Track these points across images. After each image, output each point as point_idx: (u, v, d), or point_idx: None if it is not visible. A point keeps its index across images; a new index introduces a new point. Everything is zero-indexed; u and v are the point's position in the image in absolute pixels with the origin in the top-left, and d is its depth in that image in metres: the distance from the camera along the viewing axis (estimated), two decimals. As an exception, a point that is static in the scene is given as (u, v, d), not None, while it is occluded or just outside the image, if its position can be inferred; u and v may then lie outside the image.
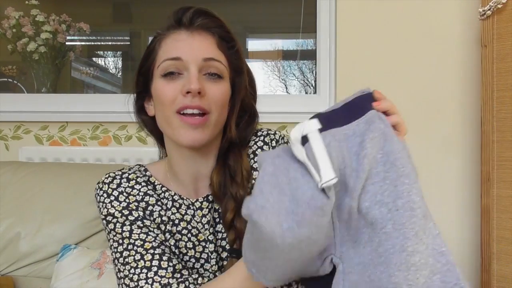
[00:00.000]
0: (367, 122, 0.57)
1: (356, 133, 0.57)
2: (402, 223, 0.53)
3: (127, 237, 0.75)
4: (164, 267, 0.72)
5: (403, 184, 0.54)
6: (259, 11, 2.44)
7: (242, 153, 0.82)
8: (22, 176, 1.34)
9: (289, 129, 1.61)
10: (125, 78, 2.84)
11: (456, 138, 1.57)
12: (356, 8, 1.60)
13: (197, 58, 0.75)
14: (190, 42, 0.76)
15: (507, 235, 1.33)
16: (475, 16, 1.45)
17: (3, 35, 1.81)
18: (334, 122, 0.58)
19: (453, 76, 1.57)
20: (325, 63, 1.64)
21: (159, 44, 0.79)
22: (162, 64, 0.76)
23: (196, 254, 0.81)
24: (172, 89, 0.75)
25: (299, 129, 0.57)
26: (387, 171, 0.54)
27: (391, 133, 0.57)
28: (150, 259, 0.73)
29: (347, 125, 0.57)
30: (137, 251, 0.74)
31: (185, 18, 0.78)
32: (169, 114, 0.75)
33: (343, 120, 0.58)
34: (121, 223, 0.77)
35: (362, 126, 0.57)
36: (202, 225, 0.82)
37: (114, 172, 0.84)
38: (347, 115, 0.59)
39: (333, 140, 0.56)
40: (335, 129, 0.57)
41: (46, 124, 1.68)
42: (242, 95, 0.82)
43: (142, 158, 1.58)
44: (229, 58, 0.80)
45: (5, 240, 1.25)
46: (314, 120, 0.57)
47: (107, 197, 0.80)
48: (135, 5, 2.64)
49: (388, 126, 0.58)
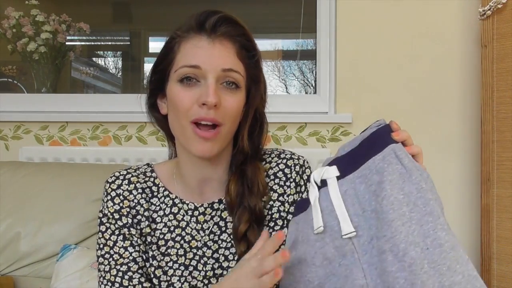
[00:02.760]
0: (384, 159, 0.59)
1: (373, 170, 0.59)
2: (434, 260, 0.54)
3: (110, 246, 0.79)
4: (125, 285, 0.77)
5: (427, 222, 0.56)
6: (259, 11, 2.44)
7: (259, 166, 0.82)
8: (22, 176, 1.34)
9: (289, 129, 1.61)
10: (125, 78, 2.84)
11: (456, 138, 1.57)
12: (356, 8, 1.60)
13: (216, 68, 0.74)
14: (210, 50, 0.75)
15: (507, 235, 1.33)
16: (475, 16, 1.45)
17: (3, 35, 1.81)
18: (353, 164, 0.62)
19: (453, 76, 1.57)
20: (325, 63, 1.64)
21: (178, 46, 0.77)
22: (180, 69, 0.75)
23: (185, 261, 0.81)
24: (188, 98, 0.74)
25: (319, 173, 0.63)
26: (411, 211, 0.56)
27: (409, 170, 0.59)
28: (115, 274, 0.78)
29: (364, 165, 0.61)
30: (109, 262, 0.78)
31: (208, 24, 0.75)
32: (183, 123, 0.75)
33: (362, 158, 0.61)
34: (112, 230, 0.80)
35: (378, 163, 0.60)
36: (197, 231, 0.82)
37: (120, 171, 0.85)
38: (366, 152, 0.62)
39: (350, 188, 0.60)
40: (352, 174, 0.61)
41: (46, 124, 1.68)
42: (256, 104, 0.81)
43: (142, 158, 1.58)
44: (248, 67, 0.79)
45: (5, 240, 1.25)
46: (334, 167, 0.62)
47: (106, 196, 0.82)
48: (135, 5, 2.64)
49: (408, 157, 0.60)
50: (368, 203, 0.59)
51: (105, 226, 0.80)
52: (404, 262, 0.55)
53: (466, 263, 0.56)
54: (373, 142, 0.62)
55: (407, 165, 0.59)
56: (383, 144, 0.61)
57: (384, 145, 0.61)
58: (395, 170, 0.58)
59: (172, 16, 2.45)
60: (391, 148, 0.60)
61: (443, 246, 0.55)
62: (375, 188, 0.58)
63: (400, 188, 0.57)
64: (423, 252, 0.54)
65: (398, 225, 0.56)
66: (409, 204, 0.57)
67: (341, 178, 0.62)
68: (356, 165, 0.62)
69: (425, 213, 0.56)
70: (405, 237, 0.55)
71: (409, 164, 0.59)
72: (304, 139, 1.61)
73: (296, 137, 1.62)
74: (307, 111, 1.64)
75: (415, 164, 0.61)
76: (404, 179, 0.58)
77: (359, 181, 0.60)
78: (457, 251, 0.56)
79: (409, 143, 0.64)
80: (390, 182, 0.58)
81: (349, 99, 1.60)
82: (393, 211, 0.56)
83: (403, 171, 0.59)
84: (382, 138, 0.62)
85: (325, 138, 1.61)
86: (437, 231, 0.55)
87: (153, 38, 2.79)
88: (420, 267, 0.54)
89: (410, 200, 0.57)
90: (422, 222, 0.56)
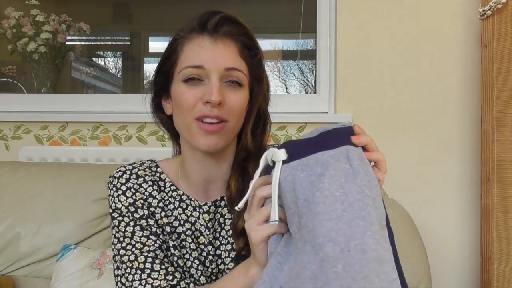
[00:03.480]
0: (334, 156, 0.57)
1: (319, 162, 0.57)
2: (351, 264, 0.51)
3: (129, 237, 0.78)
4: (157, 269, 0.75)
5: (358, 226, 0.52)
6: (259, 11, 2.44)
7: None
8: (22, 176, 1.34)
9: (289, 129, 1.61)
10: (125, 78, 2.84)
11: (456, 138, 1.57)
12: (356, 8, 1.60)
13: (219, 67, 0.75)
14: (213, 50, 0.76)
15: (507, 235, 1.33)
16: (475, 16, 1.45)
17: (3, 35, 1.81)
18: (302, 152, 0.59)
19: (453, 76, 1.57)
20: (325, 63, 1.64)
21: (181, 47, 0.78)
22: (184, 70, 0.76)
23: (198, 256, 0.82)
24: (192, 96, 0.75)
25: (269, 154, 0.61)
26: (344, 210, 0.53)
27: (356, 172, 0.56)
28: (143, 261, 0.75)
29: (312, 155, 0.58)
30: (133, 252, 0.76)
31: (210, 24, 0.76)
32: (188, 120, 0.76)
33: (314, 149, 0.59)
34: (126, 222, 0.79)
35: (327, 157, 0.57)
36: (205, 228, 0.83)
37: (125, 166, 0.85)
38: (320, 145, 0.59)
39: (290, 175, 0.58)
40: (297, 161, 0.59)
41: (46, 124, 1.68)
42: (259, 102, 0.83)
43: (142, 158, 1.56)
44: (250, 65, 0.80)
45: (5, 240, 1.25)
46: (282, 150, 0.60)
47: (116, 191, 0.82)
48: (135, 5, 2.64)
49: (362, 161, 0.57)
50: (303, 191, 0.56)
51: (118, 220, 0.80)
52: (318, 256, 0.52)
53: (389, 282, 0.51)
54: (331, 137, 0.60)
55: (356, 167, 0.56)
56: (339, 143, 0.59)
57: (340, 144, 0.59)
58: (341, 168, 0.56)
59: (172, 16, 2.45)
60: (345, 148, 0.58)
61: (367, 253, 0.51)
62: (314, 179, 0.56)
63: (340, 185, 0.55)
64: (343, 252, 0.51)
65: (323, 219, 0.53)
66: (344, 203, 0.54)
67: (286, 163, 0.60)
68: (305, 153, 0.59)
69: (358, 217, 0.53)
70: (327, 232, 0.52)
71: (359, 167, 0.56)
72: (304, 139, 1.61)
73: (296, 137, 1.61)
74: (307, 111, 1.64)
75: (367, 170, 0.57)
76: (348, 178, 0.55)
77: (301, 169, 0.58)
78: (384, 266, 0.52)
79: (371, 149, 0.60)
80: (331, 176, 0.55)
81: (349, 99, 1.60)
82: (323, 204, 0.54)
83: (350, 171, 0.56)
84: (341, 137, 0.60)
85: (325, 138, 1.61)
86: (365, 237, 0.52)
87: (153, 38, 2.79)
88: (332, 265, 0.51)
89: (347, 200, 0.54)
90: (351, 224, 0.52)
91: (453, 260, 1.57)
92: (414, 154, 1.58)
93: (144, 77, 2.75)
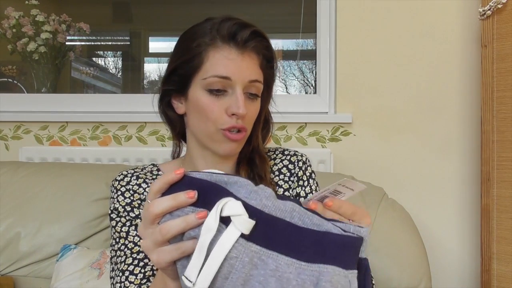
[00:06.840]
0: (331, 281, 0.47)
1: (293, 273, 0.48)
2: None
3: (123, 237, 0.80)
4: (136, 273, 0.76)
5: None
6: (259, 11, 2.44)
7: (265, 156, 0.87)
8: (22, 176, 1.34)
9: (289, 129, 1.61)
10: (125, 78, 2.84)
11: (456, 138, 1.57)
12: (356, 8, 1.60)
13: (244, 80, 0.78)
14: (239, 62, 0.78)
15: (507, 235, 1.33)
16: (475, 16, 1.45)
17: (3, 35, 1.81)
18: (280, 242, 0.48)
19: (453, 76, 1.57)
20: (325, 63, 1.64)
21: (206, 53, 0.78)
22: (210, 78, 0.77)
23: None
24: (217, 107, 0.78)
25: (221, 203, 0.48)
26: None
27: None
28: (130, 263, 0.77)
29: (296, 260, 0.48)
30: (125, 253, 0.78)
31: (240, 37, 0.77)
32: (212, 130, 0.79)
33: (304, 251, 0.48)
34: (123, 222, 0.81)
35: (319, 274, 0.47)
36: None
37: (127, 170, 0.88)
38: (315, 250, 0.48)
39: (245, 256, 0.48)
40: (269, 251, 0.48)
41: (46, 124, 1.68)
42: (267, 106, 0.88)
43: (142, 158, 1.58)
44: (266, 75, 0.83)
45: (5, 240, 1.25)
46: (239, 203, 0.48)
47: (115, 192, 0.84)
48: (135, 5, 2.64)
49: None
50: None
51: (116, 221, 0.82)
52: None
53: None
54: (340, 250, 0.48)
55: None
56: (352, 265, 0.48)
57: (353, 267, 0.48)
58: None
59: (172, 16, 2.45)
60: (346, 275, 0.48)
61: None
62: (254, 283, 0.47)
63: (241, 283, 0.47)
64: None
65: None
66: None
67: (246, 237, 0.47)
68: (286, 248, 0.47)
69: None
70: None
71: None
72: (304, 139, 1.61)
73: (296, 137, 1.62)
74: (307, 111, 1.64)
75: None
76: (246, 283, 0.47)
77: (262, 264, 0.47)
78: None
79: (345, 214, 0.54)
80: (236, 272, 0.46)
81: (349, 99, 1.61)
82: None
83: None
84: (353, 256, 0.48)
85: (325, 138, 1.61)
86: None
87: (153, 38, 2.79)
88: None
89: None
90: None
91: (453, 260, 1.57)
92: (414, 154, 1.58)
93: (144, 77, 2.75)
